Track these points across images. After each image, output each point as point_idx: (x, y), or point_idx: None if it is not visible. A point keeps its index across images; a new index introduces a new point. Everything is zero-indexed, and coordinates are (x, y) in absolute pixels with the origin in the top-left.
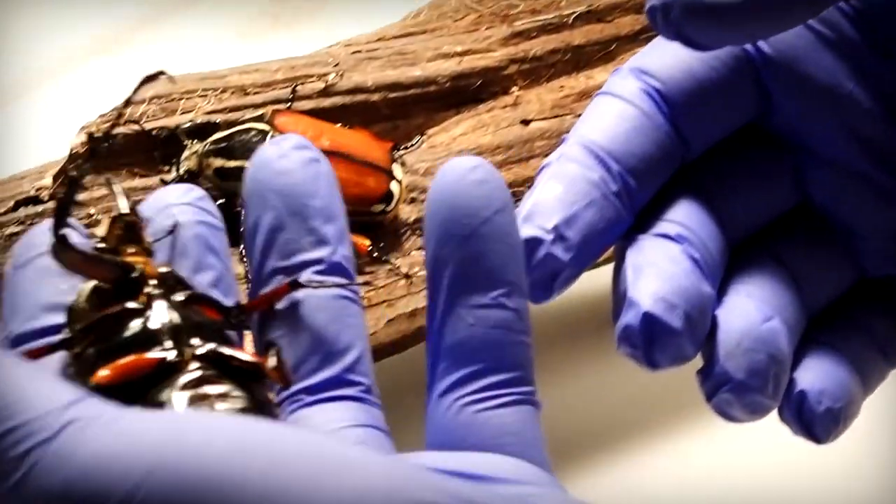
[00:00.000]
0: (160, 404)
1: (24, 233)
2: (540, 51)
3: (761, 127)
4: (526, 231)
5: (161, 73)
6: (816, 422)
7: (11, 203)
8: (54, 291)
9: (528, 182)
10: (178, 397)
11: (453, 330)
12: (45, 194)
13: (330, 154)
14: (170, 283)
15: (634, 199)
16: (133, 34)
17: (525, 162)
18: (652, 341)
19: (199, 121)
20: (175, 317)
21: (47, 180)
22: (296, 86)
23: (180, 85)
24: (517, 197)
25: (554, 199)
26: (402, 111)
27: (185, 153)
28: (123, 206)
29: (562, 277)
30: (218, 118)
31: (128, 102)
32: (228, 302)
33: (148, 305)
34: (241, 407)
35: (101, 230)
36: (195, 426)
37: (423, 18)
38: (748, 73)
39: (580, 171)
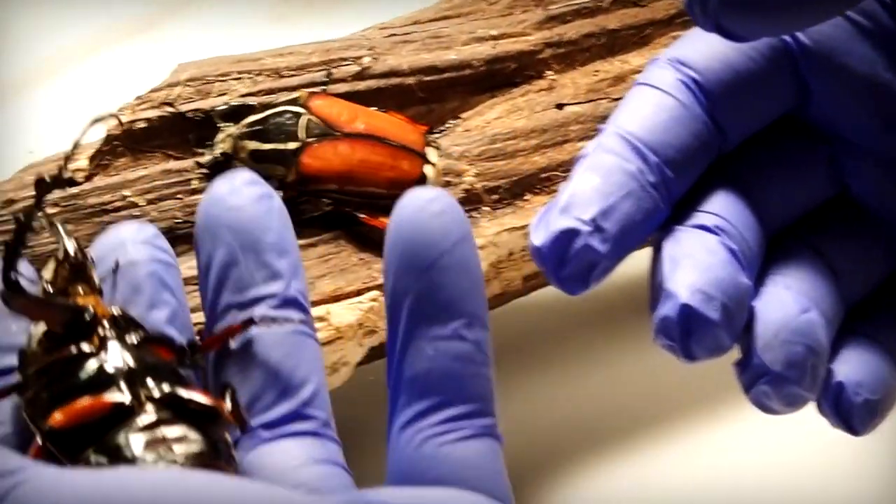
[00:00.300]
0: (116, 448)
1: (59, 215)
2: (575, 35)
3: (798, 117)
4: (563, 222)
5: (112, 115)
6: (854, 413)
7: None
8: (5, 333)
9: (563, 166)
10: (134, 440)
11: (413, 362)
12: (79, 176)
13: (364, 137)
14: (122, 325)
15: (671, 190)
16: (164, 18)
17: (559, 146)
18: (689, 333)
19: (233, 103)
20: (129, 359)
21: (83, 162)
22: (331, 69)
23: (215, 67)
24: (551, 181)
25: (591, 190)
26: (437, 95)
27: (220, 136)
28: (70, 247)
29: (598, 269)
30: (253, 101)
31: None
32: (184, 339)
33: (101, 348)
34: (197, 450)
35: (47, 273)
36: (142, 483)
37: (458, 2)
38: (786, 64)
39: (617, 162)
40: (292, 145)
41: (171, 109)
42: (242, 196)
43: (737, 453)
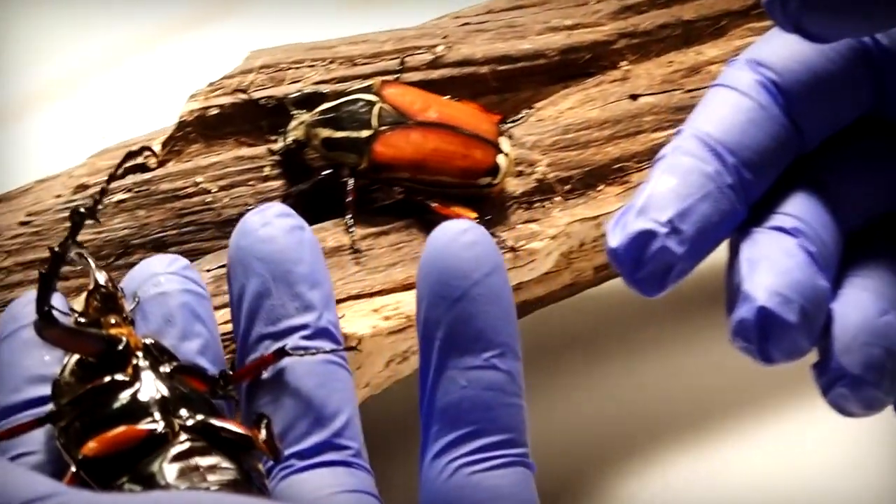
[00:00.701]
0: (150, 476)
1: (132, 200)
2: (649, 25)
3: (877, 117)
4: (640, 224)
5: (146, 148)
6: None
7: (121, 170)
8: (38, 363)
9: (636, 157)
10: (168, 469)
11: (445, 392)
12: (153, 162)
13: (437, 126)
14: (155, 354)
15: (749, 192)
16: (234, 6)
17: (633, 137)
18: (767, 336)
19: (306, 91)
20: (163, 388)
21: (156, 148)
22: (404, 57)
23: (288, 55)
24: (624, 172)
25: (668, 191)
26: (511, 84)
27: (293, 123)
28: (100, 278)
29: (675, 271)
30: (326, 88)
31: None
32: (215, 370)
33: (135, 377)
34: (230, 479)
35: (78, 304)
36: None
37: None
38: (865, 65)
39: (695, 164)
40: (365, 133)
41: (244, 96)
42: (274, 228)
43: (812, 453)
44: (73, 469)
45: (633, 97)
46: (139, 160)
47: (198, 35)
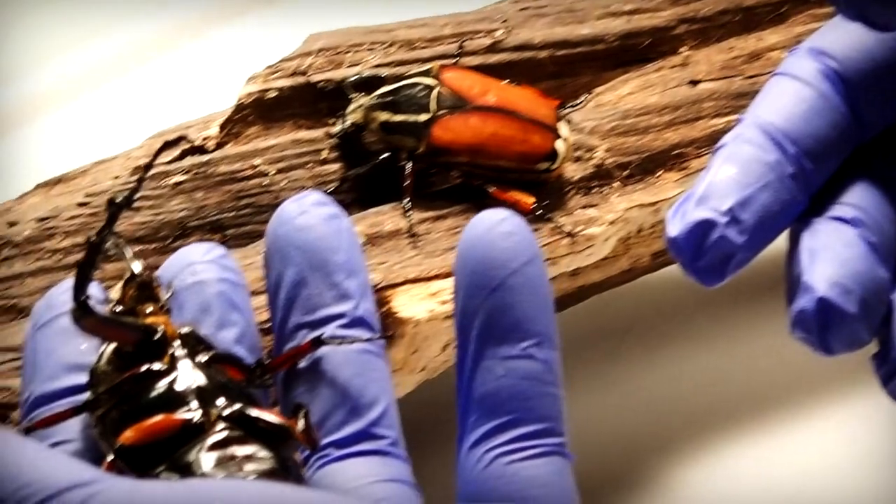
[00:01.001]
0: (187, 465)
1: (189, 182)
2: (710, 11)
3: None
4: (700, 213)
5: (182, 138)
6: None
7: (178, 152)
8: (75, 351)
9: (695, 143)
10: (205, 458)
11: (483, 381)
12: (210, 144)
13: (496, 110)
14: (192, 343)
15: (810, 182)
16: None
17: (692, 123)
18: (827, 326)
19: (365, 74)
20: (199, 377)
21: (213, 130)
22: (463, 41)
23: (347, 38)
24: (683, 158)
25: (729, 180)
26: (570, 69)
27: (351, 106)
28: (136, 267)
29: (735, 261)
30: (384, 72)
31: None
32: (252, 359)
33: (172, 366)
34: (267, 468)
35: (114, 293)
36: (218, 493)
37: None
38: None
39: (756, 153)
40: (423, 117)
41: (302, 79)
42: (311, 216)
43: (870, 445)
44: (111, 458)
45: (693, 83)
46: (196, 142)
47: (242, 21)
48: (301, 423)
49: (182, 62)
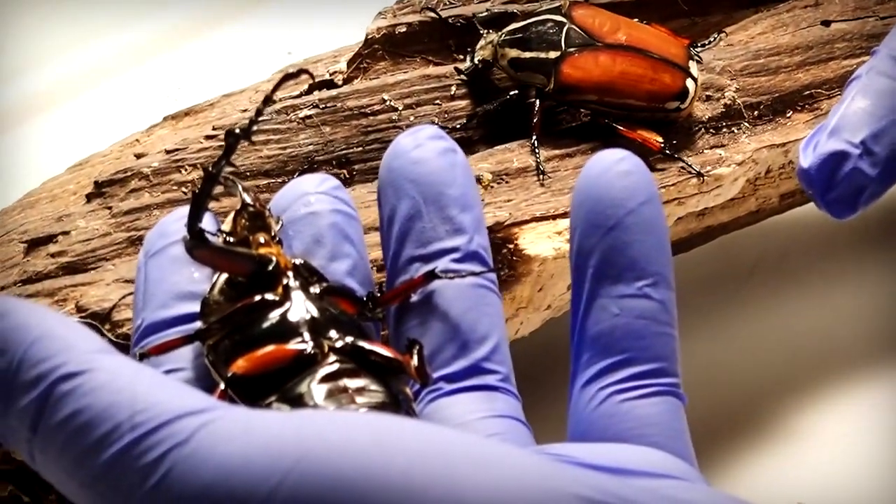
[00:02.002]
0: (298, 396)
1: (318, 116)
2: None
3: None
4: (832, 145)
5: (303, 71)
6: None
7: (306, 86)
8: (186, 280)
9: (827, 84)
10: (316, 390)
11: (597, 320)
12: (339, 78)
13: (626, 49)
14: (305, 275)
15: None
16: None
17: (824, 63)
18: None
19: (495, 10)
20: (312, 309)
21: (342, 65)
22: None
23: None
24: (814, 99)
25: (862, 112)
26: (701, 8)
27: (481, 42)
28: (247, 198)
29: (867, 193)
30: (515, 8)
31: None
32: (363, 291)
33: (285, 297)
34: (379, 401)
35: (226, 225)
36: (333, 425)
37: None
38: None
39: (890, 85)
40: (553, 54)
41: (432, 15)
42: (426, 150)
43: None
44: (222, 387)
45: (826, 23)
46: (325, 76)
47: (223, 32)
48: (415, 359)
49: (182, 62)
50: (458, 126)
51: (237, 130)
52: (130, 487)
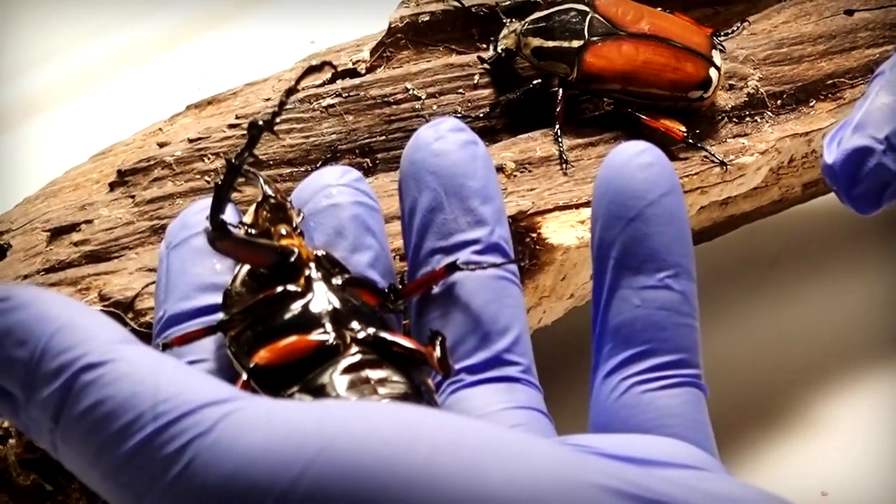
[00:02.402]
0: (320, 387)
1: (341, 105)
2: None
3: None
4: (856, 141)
5: (327, 63)
6: None
7: (329, 75)
8: (208, 271)
9: (850, 73)
10: (338, 381)
11: (618, 311)
12: (362, 67)
13: (649, 38)
14: (327, 266)
15: None
16: None
17: (847, 53)
18: None
19: None
20: (334, 300)
21: (365, 53)
22: None
23: None
24: (837, 88)
25: (886, 108)
26: None
27: (504, 31)
28: (268, 190)
29: (892, 189)
30: None
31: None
32: (385, 283)
33: (307, 288)
34: (401, 392)
35: (248, 216)
36: (356, 415)
37: None
38: None
39: None
40: (576, 43)
41: (456, 3)
42: (448, 142)
43: None
44: (244, 378)
45: (849, 12)
46: (348, 65)
47: (223, 32)
48: (437, 351)
49: (182, 62)
50: (482, 115)
51: (260, 122)
52: (152, 477)
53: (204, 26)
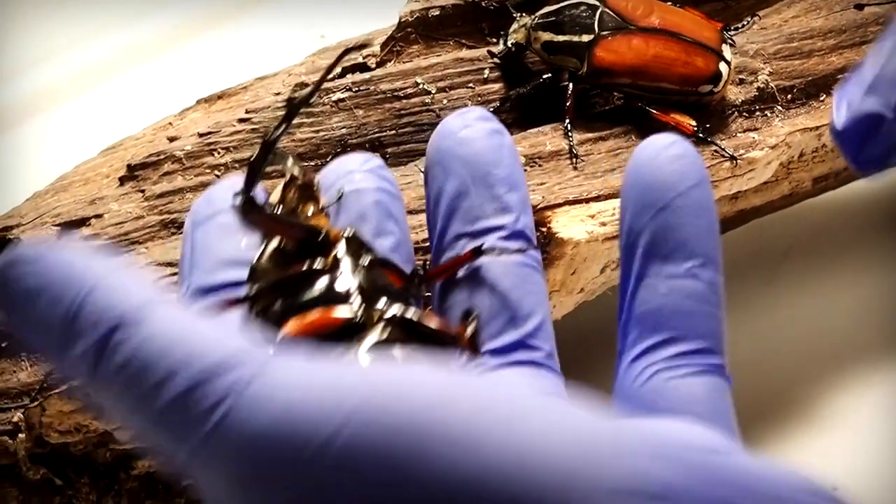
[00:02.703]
0: None
1: (351, 100)
2: None
3: None
4: (868, 105)
5: (364, 45)
6: None
7: (339, 69)
8: (233, 248)
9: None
10: (363, 357)
11: (645, 299)
12: (372, 62)
13: (659, 32)
14: (354, 246)
15: None
16: None
17: (858, 47)
18: None
19: None
20: (362, 278)
21: (375, 48)
22: None
23: None
24: None
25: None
26: None
27: (514, 26)
28: (297, 170)
29: None
30: None
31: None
32: (407, 269)
33: (335, 266)
34: None
35: (275, 196)
36: (395, 372)
37: None
38: None
39: None
40: (586, 38)
41: None
42: (474, 130)
43: None
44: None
45: (859, 7)
46: (358, 59)
47: (223, 32)
48: (470, 329)
49: (182, 62)
50: (492, 109)
51: (298, 99)
52: (187, 432)
53: (209, 23)
